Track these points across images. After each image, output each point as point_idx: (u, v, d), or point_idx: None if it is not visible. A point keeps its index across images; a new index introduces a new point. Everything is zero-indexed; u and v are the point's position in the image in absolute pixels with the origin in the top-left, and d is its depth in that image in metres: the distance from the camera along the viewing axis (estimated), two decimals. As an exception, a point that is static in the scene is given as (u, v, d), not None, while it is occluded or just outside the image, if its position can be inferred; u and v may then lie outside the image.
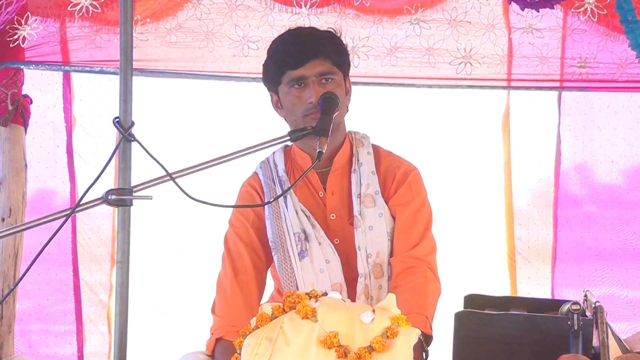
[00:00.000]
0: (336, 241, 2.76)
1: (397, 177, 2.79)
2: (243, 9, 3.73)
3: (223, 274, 2.77)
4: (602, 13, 3.58)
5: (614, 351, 2.43)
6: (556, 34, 3.69)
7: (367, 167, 2.79)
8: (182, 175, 2.20)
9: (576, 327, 2.37)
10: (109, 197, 2.11)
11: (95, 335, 4.00)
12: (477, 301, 2.65)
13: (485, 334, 2.44)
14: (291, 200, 2.77)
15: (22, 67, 3.77)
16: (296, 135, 2.50)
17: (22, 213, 3.81)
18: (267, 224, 2.78)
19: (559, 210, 3.88)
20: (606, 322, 2.39)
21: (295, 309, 2.12)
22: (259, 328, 2.14)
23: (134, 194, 2.14)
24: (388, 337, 2.07)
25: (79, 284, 3.96)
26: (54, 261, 3.93)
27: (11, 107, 3.74)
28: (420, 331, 2.41)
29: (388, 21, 3.72)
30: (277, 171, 2.83)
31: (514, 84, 3.78)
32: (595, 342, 2.39)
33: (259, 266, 2.78)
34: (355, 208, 2.75)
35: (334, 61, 2.69)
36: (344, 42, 2.78)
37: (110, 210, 3.86)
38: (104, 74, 3.81)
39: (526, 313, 2.49)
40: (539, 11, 3.60)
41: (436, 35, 3.72)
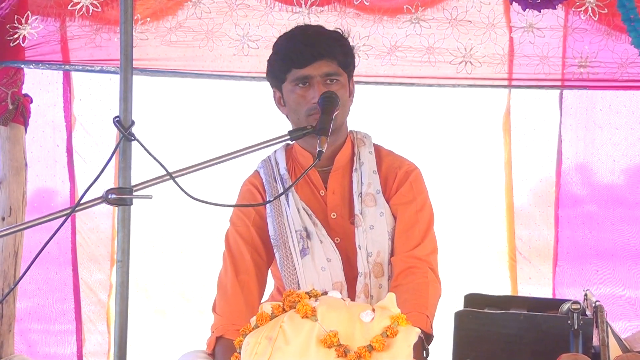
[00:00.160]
0: (337, 240, 2.75)
1: (399, 176, 2.79)
2: (243, 8, 3.73)
3: (224, 272, 2.77)
4: (602, 12, 3.57)
5: (614, 350, 2.42)
6: (557, 33, 3.68)
7: (369, 167, 2.79)
8: (182, 175, 2.20)
9: (576, 327, 2.37)
10: (109, 197, 2.11)
11: (95, 334, 4.00)
12: (477, 300, 2.65)
13: (485, 333, 2.44)
14: (293, 198, 2.77)
15: (22, 66, 3.77)
16: (296, 134, 2.50)
17: (23, 212, 3.81)
18: (268, 221, 2.78)
19: (560, 210, 3.88)
20: (606, 322, 2.39)
21: (295, 308, 2.12)
22: (258, 327, 2.14)
23: (134, 193, 2.14)
24: (388, 336, 2.07)
25: (78, 284, 3.95)
26: (54, 261, 3.92)
27: (11, 107, 3.74)
28: (421, 330, 2.42)
29: (388, 20, 3.72)
30: (278, 169, 2.83)
31: (514, 83, 3.78)
32: (596, 341, 2.39)
33: (260, 265, 2.78)
34: (356, 207, 2.75)
35: (340, 62, 2.69)
36: (350, 43, 2.78)
37: (109, 210, 3.86)
38: (104, 73, 3.81)
39: (526, 312, 2.49)
40: (540, 11, 3.60)
41: (436, 34, 3.72)
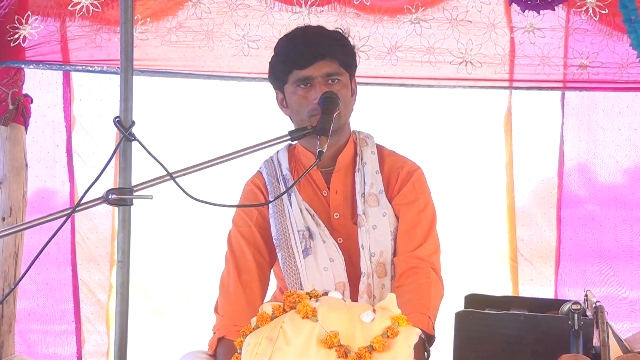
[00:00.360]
0: (339, 240, 2.75)
1: (401, 176, 2.79)
2: (243, 8, 3.73)
3: (226, 273, 2.76)
4: (603, 13, 3.57)
5: (615, 351, 2.42)
6: (558, 33, 3.68)
7: (371, 167, 2.79)
8: (182, 175, 2.19)
9: (577, 327, 2.36)
10: (110, 197, 2.11)
11: (94, 335, 3.99)
12: (478, 301, 2.64)
13: (485, 334, 2.43)
14: (295, 198, 2.77)
15: (22, 66, 3.77)
16: (296, 134, 2.50)
17: (23, 212, 3.81)
18: (271, 221, 2.78)
19: (562, 210, 3.87)
20: (607, 322, 2.38)
21: (296, 308, 2.12)
22: (259, 328, 2.13)
23: (134, 194, 2.13)
24: (388, 336, 2.07)
25: (77, 284, 3.95)
26: (53, 261, 3.92)
27: (12, 107, 3.74)
28: (423, 331, 2.42)
29: (388, 20, 3.71)
30: (281, 170, 2.82)
31: (516, 84, 3.77)
32: (596, 342, 2.39)
33: (262, 265, 2.77)
34: (359, 207, 2.74)
35: (341, 62, 2.69)
36: (351, 43, 2.78)
37: (109, 210, 3.86)
38: (104, 73, 3.80)
39: (527, 313, 2.49)
40: (539, 13, 3.60)
41: (437, 34, 3.72)
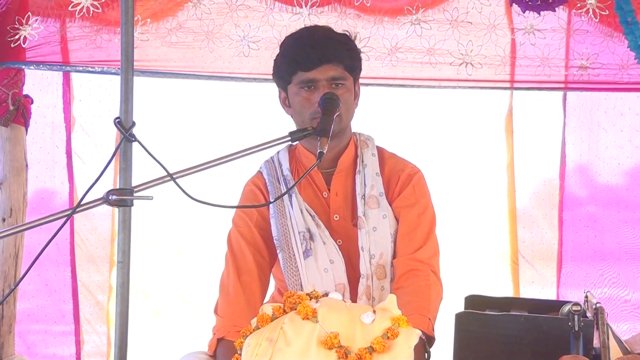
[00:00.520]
0: (339, 242, 2.75)
1: (401, 179, 2.79)
2: (243, 8, 3.73)
3: (226, 274, 2.76)
4: (603, 14, 3.57)
5: (615, 352, 2.42)
6: (558, 34, 3.68)
7: (372, 169, 2.79)
8: (183, 176, 2.19)
9: (577, 328, 2.36)
10: (110, 197, 2.10)
11: (93, 336, 3.99)
12: (478, 302, 2.65)
13: (485, 335, 2.43)
14: (296, 199, 2.77)
15: (23, 67, 3.77)
16: (297, 135, 2.49)
17: (23, 213, 3.81)
18: (271, 222, 2.77)
19: (564, 212, 3.86)
20: (607, 323, 2.38)
21: (296, 309, 2.12)
22: (259, 328, 2.13)
23: (134, 194, 2.13)
24: (389, 337, 2.07)
25: (76, 285, 3.95)
26: (53, 262, 3.92)
27: (12, 107, 3.74)
28: (423, 332, 2.42)
29: (389, 21, 3.71)
30: (281, 170, 2.82)
31: (517, 85, 3.76)
32: (596, 343, 2.39)
33: (262, 266, 2.77)
34: (359, 209, 2.74)
35: (347, 66, 2.67)
36: (357, 47, 2.76)
37: (108, 211, 3.85)
38: (104, 74, 3.80)
39: (527, 314, 2.48)
40: (540, 13, 3.60)
41: (437, 35, 3.72)
